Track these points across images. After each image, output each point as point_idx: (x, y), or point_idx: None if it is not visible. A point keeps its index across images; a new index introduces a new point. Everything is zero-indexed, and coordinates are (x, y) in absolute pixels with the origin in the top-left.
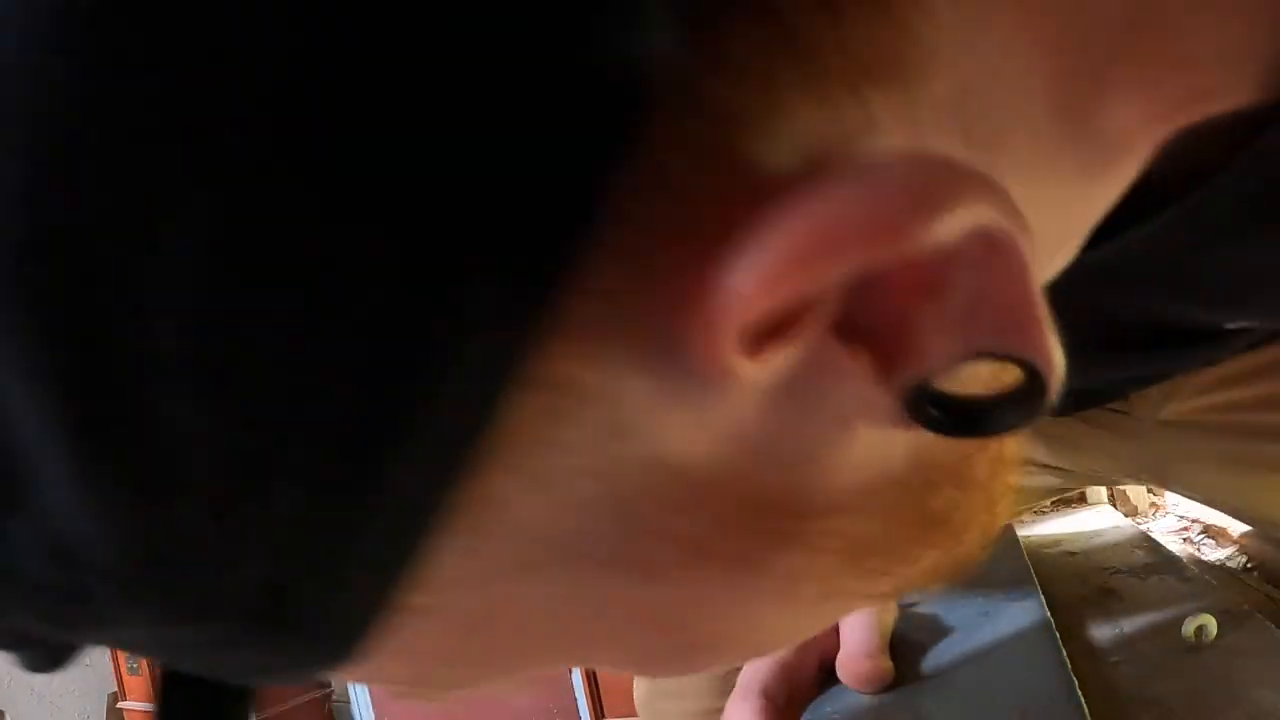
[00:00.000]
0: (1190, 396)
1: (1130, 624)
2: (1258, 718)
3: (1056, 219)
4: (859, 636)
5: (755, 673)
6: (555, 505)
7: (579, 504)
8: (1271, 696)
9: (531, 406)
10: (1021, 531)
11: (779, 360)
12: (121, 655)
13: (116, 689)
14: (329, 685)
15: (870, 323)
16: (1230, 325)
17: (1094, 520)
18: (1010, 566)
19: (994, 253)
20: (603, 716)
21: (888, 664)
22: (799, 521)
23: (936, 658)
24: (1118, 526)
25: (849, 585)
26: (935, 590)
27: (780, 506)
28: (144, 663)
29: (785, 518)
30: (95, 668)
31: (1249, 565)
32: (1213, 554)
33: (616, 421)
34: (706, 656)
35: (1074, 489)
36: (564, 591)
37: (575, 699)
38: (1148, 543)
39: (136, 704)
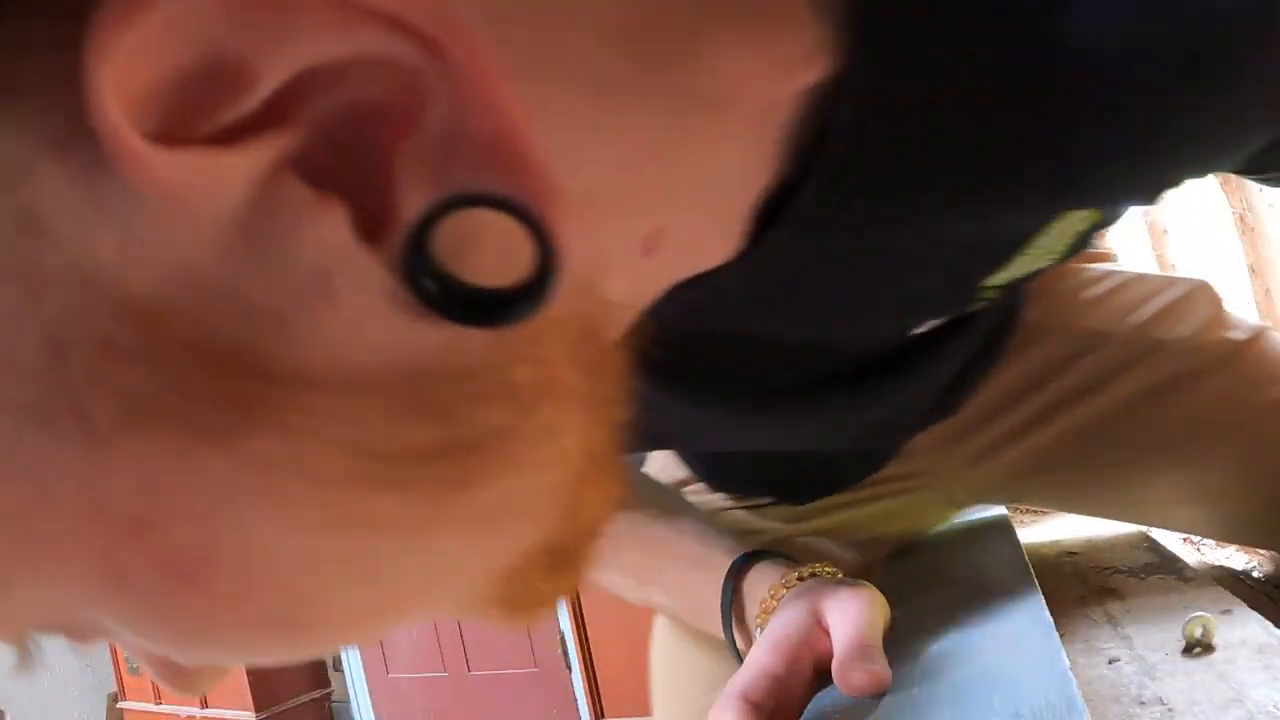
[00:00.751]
0: (966, 437)
1: (1130, 624)
2: (1258, 718)
3: (656, 155)
4: (851, 636)
5: (738, 678)
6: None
7: (23, 329)
8: (1272, 696)
9: None
10: (1022, 531)
11: (215, 177)
12: (121, 655)
13: (116, 689)
14: (329, 685)
15: (346, 169)
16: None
17: (1094, 520)
18: (1010, 566)
19: (460, 87)
20: (602, 717)
21: (884, 671)
22: (265, 388)
23: (935, 658)
24: (1118, 526)
25: (357, 504)
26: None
27: (244, 368)
28: None
29: (249, 381)
30: (95, 668)
31: (1249, 565)
32: (1213, 554)
33: (28, 210)
34: (203, 590)
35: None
36: (13, 434)
37: (575, 699)
38: (1148, 542)
39: (136, 704)
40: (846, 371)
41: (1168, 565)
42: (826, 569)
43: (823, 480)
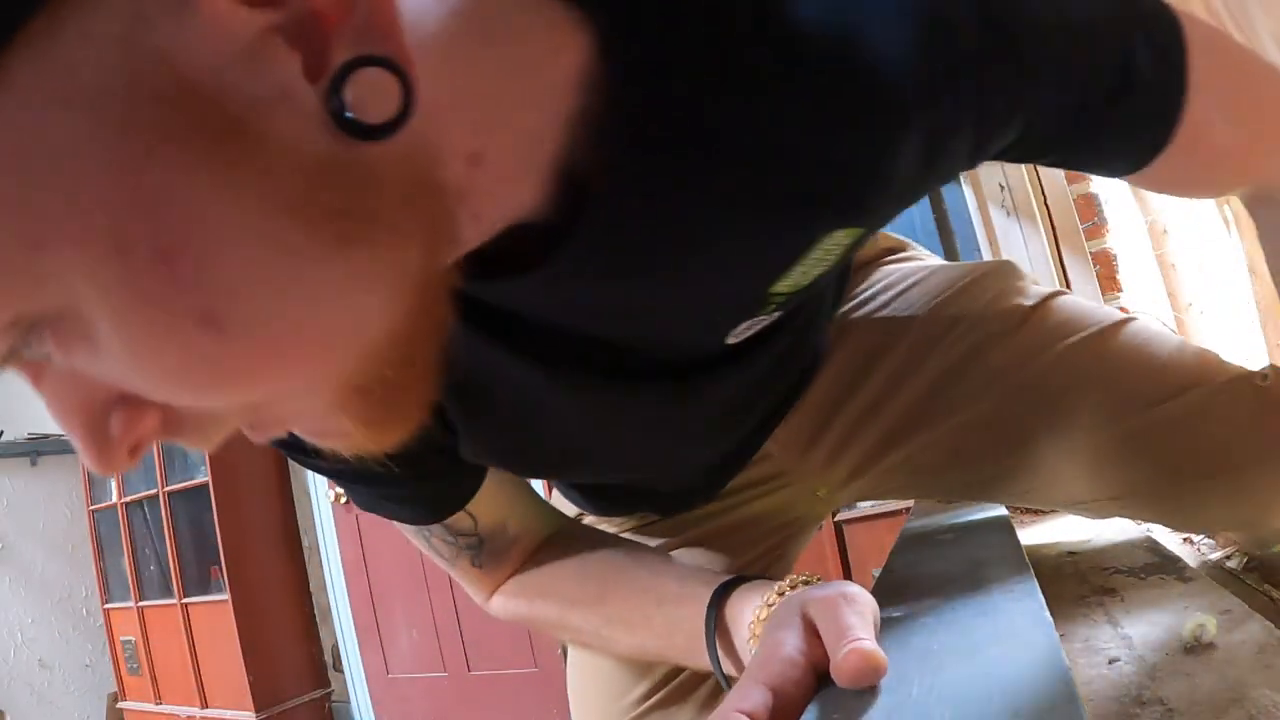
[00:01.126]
0: (815, 436)
1: (1130, 624)
2: (1258, 718)
3: (486, 92)
4: (838, 629)
5: (733, 697)
6: (95, 60)
7: (111, 66)
8: (1271, 696)
9: None
10: (1022, 531)
11: (244, 21)
12: (121, 655)
13: (116, 689)
14: (329, 685)
15: (304, 36)
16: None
17: (1095, 520)
18: (1010, 565)
19: (372, 6)
20: None
21: (874, 651)
22: (243, 141)
23: (935, 658)
24: (1118, 526)
25: (283, 230)
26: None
27: (233, 127)
28: (144, 663)
29: (235, 136)
30: (95, 667)
31: (1249, 565)
32: (1213, 554)
33: (142, 13)
34: (175, 270)
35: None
36: (85, 134)
37: None
38: (1148, 543)
39: (136, 704)
40: (680, 368)
41: (1168, 565)
42: (803, 579)
43: (686, 492)
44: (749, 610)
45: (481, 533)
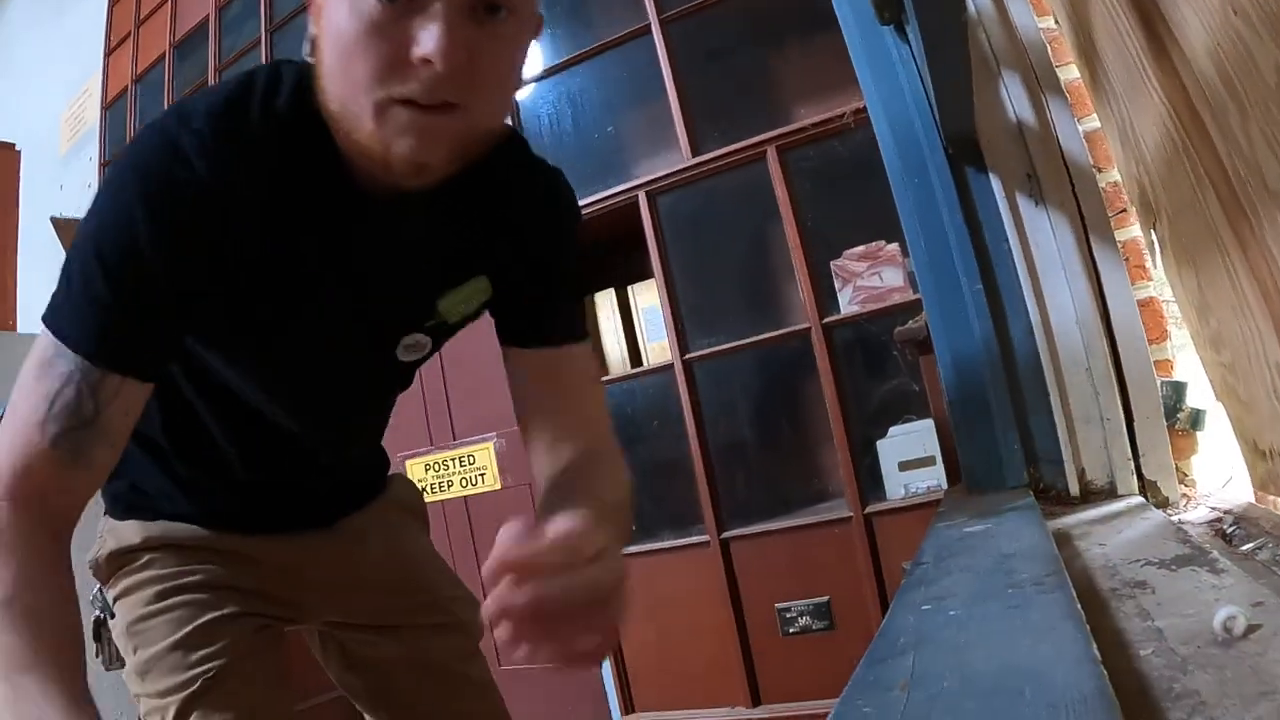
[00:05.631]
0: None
1: (1161, 616)
2: None
3: None
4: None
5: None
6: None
7: None
8: None
9: None
10: (1052, 523)
11: None
12: None
13: None
14: None
15: None
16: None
17: (1125, 511)
18: (1040, 559)
19: None
20: (632, 710)
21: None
22: None
23: (966, 651)
24: (1148, 517)
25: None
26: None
27: None
28: None
29: None
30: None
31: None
32: (1245, 545)
33: None
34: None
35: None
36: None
37: (605, 691)
38: (1179, 534)
39: None
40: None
41: (1198, 557)
42: None
43: (309, 453)
44: None
45: (102, 418)
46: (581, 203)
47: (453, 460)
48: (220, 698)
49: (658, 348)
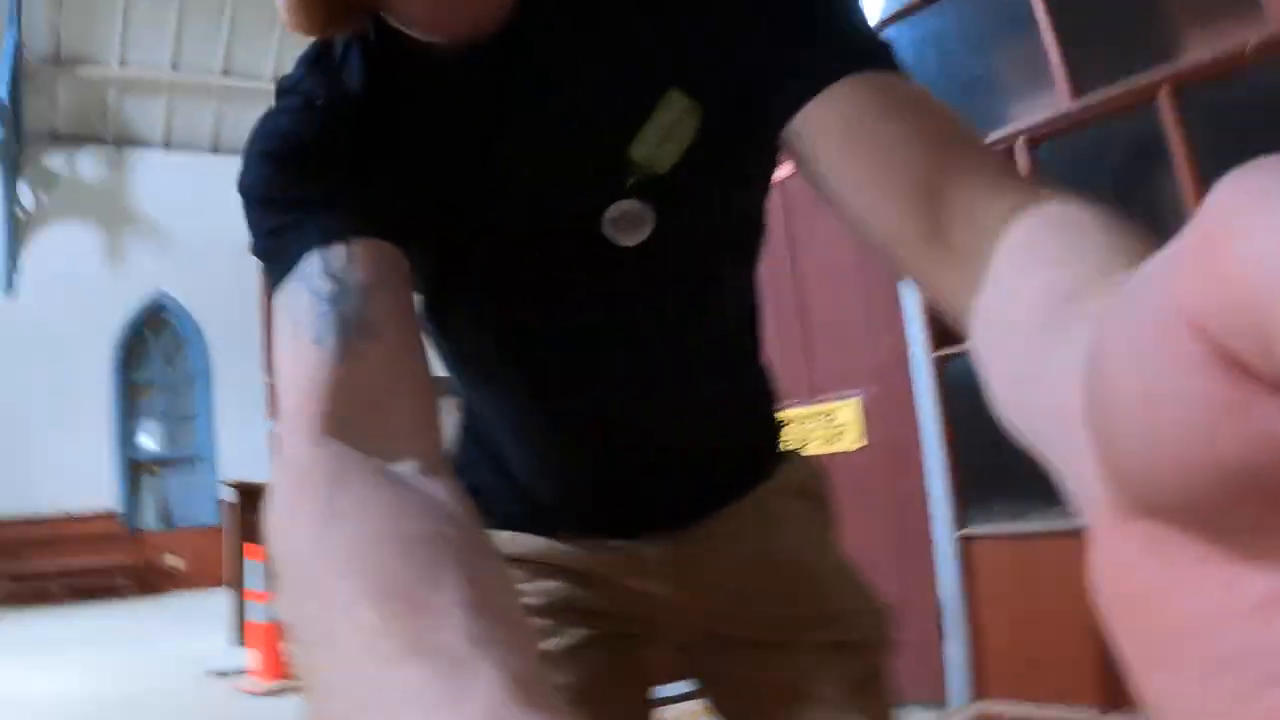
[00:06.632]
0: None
1: None
2: None
3: None
4: None
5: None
6: None
7: None
8: None
9: None
10: None
11: None
12: None
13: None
14: None
15: None
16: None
17: None
18: None
19: None
20: (983, 696)
21: None
22: None
23: None
24: None
25: None
26: None
27: None
28: None
29: None
30: None
31: None
32: None
33: None
34: None
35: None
36: None
37: (944, 669)
38: None
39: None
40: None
41: None
42: None
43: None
44: None
45: (349, 287)
46: None
47: (810, 417)
48: None
49: None
